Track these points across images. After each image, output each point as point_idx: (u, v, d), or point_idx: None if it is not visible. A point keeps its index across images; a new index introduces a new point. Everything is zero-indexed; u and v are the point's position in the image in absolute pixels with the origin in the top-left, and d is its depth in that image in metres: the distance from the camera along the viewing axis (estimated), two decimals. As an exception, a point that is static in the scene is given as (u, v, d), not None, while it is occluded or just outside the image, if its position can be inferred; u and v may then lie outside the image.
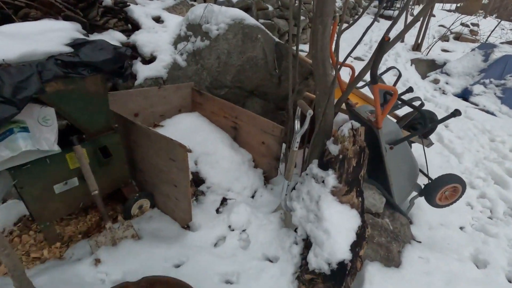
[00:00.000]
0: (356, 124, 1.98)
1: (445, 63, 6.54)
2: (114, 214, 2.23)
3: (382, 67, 6.73)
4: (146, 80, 3.19)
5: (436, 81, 6.03)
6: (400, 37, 1.98)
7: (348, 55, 2.11)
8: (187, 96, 2.99)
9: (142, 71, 3.23)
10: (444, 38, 9.06)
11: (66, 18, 2.89)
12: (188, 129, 2.78)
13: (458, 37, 9.47)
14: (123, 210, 2.18)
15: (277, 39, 3.04)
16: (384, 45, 1.62)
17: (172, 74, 3.25)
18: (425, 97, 5.58)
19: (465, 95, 5.58)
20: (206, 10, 3.04)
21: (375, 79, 1.73)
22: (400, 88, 3.27)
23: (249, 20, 2.84)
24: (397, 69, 2.97)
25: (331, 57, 2.14)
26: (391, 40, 1.66)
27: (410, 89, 2.54)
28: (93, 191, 1.83)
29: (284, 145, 2.72)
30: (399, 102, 2.71)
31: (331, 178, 1.88)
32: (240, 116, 2.67)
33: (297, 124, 1.88)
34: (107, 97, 1.85)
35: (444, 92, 5.76)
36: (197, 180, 2.39)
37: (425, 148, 3.03)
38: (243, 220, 2.16)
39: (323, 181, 1.93)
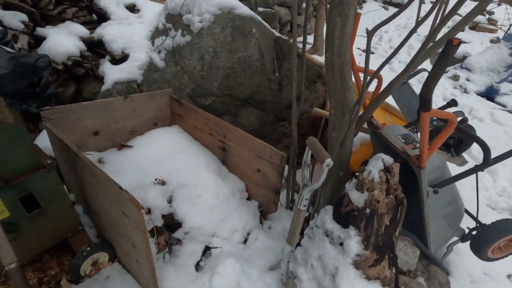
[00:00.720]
0: (389, 160, 1.39)
1: (464, 57, 5.87)
2: (58, 275, 1.67)
3: (394, 62, 6.06)
4: (116, 85, 2.58)
5: (455, 78, 5.38)
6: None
7: (384, 64, 1.49)
8: (164, 106, 2.38)
9: (111, 73, 2.61)
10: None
11: (7, 7, 2.25)
12: (164, 150, 2.19)
13: (475, 26, 8.70)
14: (69, 269, 1.62)
15: (277, 33, 2.40)
16: (451, 51, 1.02)
17: (148, 77, 2.63)
18: (444, 96, 4.95)
19: (490, 94, 4.94)
20: (188, -4, 2.39)
21: (428, 105, 1.13)
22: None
23: (241, 9, 2.20)
24: (427, 71, 2.35)
25: (352, 64, 1.53)
26: (457, 42, 1.05)
27: (453, 103, 1.93)
28: (7, 264, 1.26)
29: (286, 167, 2.14)
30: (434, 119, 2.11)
31: (353, 242, 1.30)
32: (230, 135, 2.07)
33: (306, 173, 1.28)
34: (23, 127, 1.25)
35: (465, 91, 5.12)
36: (172, 224, 1.82)
37: (460, 167, 2.44)
38: (231, 284, 1.60)
39: (341, 244, 1.35)
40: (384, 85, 1.59)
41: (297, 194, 2.49)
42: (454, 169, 2.45)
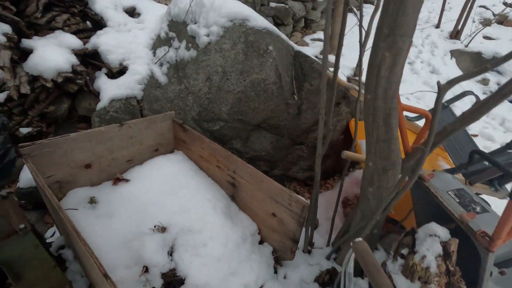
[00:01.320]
0: (444, 235, 1.09)
1: (494, 58, 5.37)
2: None
3: (416, 63, 5.60)
4: (113, 103, 2.30)
5: (485, 82, 4.93)
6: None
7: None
8: (166, 131, 2.10)
9: (108, 88, 2.33)
10: (486, 23, 7.70)
11: (-13, 17, 1.96)
12: (165, 183, 1.92)
13: (502, 21, 8.06)
14: None
15: (296, 47, 2.06)
16: None
17: (149, 93, 2.33)
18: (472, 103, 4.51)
19: (524, 101, 4.50)
20: (193, 3, 2.06)
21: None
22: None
23: (255, 20, 1.87)
24: (475, 95, 2.01)
25: (400, 109, 1.20)
26: None
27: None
28: None
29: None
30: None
31: None
32: (241, 172, 1.78)
33: (346, 282, 0.98)
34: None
35: (496, 97, 4.67)
36: (173, 281, 1.56)
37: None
38: None
39: None
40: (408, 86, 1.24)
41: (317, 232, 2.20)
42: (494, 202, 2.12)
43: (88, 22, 2.45)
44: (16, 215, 1.20)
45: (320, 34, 6.29)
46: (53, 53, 2.09)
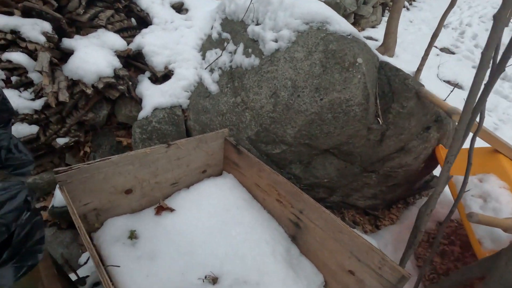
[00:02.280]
0: None
1: None
2: None
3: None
4: (156, 112, 2.03)
5: None
6: None
7: None
8: (216, 151, 1.79)
9: (151, 95, 2.05)
10: None
11: (26, 13, 1.74)
12: (215, 216, 1.62)
13: None
14: None
15: (381, 56, 1.65)
16: None
17: (196, 103, 2.04)
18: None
19: None
20: (256, -1, 1.71)
21: None
22: None
23: (338, 23, 1.48)
24: None
25: None
26: None
27: None
28: None
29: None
30: None
31: None
32: (310, 214, 1.43)
33: None
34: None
35: None
36: None
37: None
38: None
39: None
40: None
41: None
42: None
43: (132, 19, 2.18)
44: (48, 279, 0.94)
45: (369, 32, 5.73)
46: (94, 55, 1.84)
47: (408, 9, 7.15)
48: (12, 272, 0.57)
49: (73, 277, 1.52)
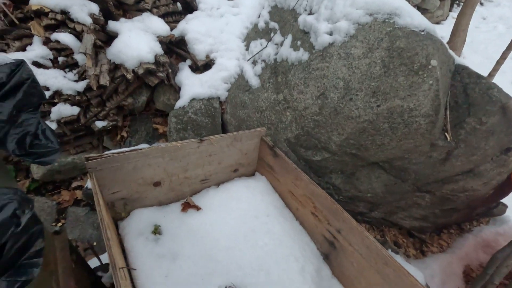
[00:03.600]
0: None
1: None
2: None
3: None
4: (193, 102, 1.95)
5: None
6: None
7: None
8: (250, 150, 1.66)
9: (189, 85, 1.98)
10: None
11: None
12: (243, 221, 1.50)
13: None
14: None
15: (458, 58, 1.37)
16: None
17: (234, 96, 1.92)
18: None
19: None
20: (312, -15, 1.51)
21: None
22: None
23: (410, 16, 1.23)
24: None
25: None
26: None
27: None
28: None
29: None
30: None
31: None
32: (348, 234, 1.25)
33: None
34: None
35: None
36: None
37: None
38: None
39: None
40: None
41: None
42: None
43: (178, 4, 2.10)
44: (64, 274, 0.89)
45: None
46: (137, 39, 1.80)
47: (481, 3, 6.27)
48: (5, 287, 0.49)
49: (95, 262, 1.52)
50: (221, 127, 2.05)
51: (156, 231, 1.41)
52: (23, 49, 1.70)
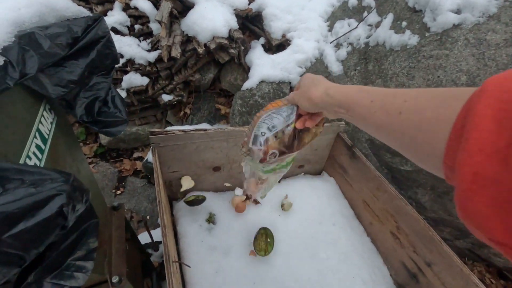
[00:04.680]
0: None
1: None
2: None
3: None
4: (262, 85, 1.79)
5: None
6: None
7: None
8: (322, 145, 1.45)
9: (260, 65, 1.81)
10: None
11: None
12: (304, 226, 1.32)
13: None
14: None
15: None
16: None
17: (308, 83, 1.68)
18: None
19: None
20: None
21: None
22: None
23: None
24: None
25: None
26: None
27: None
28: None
29: None
30: None
31: None
32: (443, 273, 0.98)
33: None
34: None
35: None
36: None
37: None
38: None
39: None
40: None
41: None
42: None
43: (259, -26, 1.92)
44: (117, 250, 0.81)
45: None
46: (213, 11, 1.67)
47: None
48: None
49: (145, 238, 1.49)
50: (287, 115, 1.85)
51: (210, 219, 1.31)
52: (104, 14, 1.69)
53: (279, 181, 1.50)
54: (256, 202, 1.40)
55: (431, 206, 1.39)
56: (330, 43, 1.66)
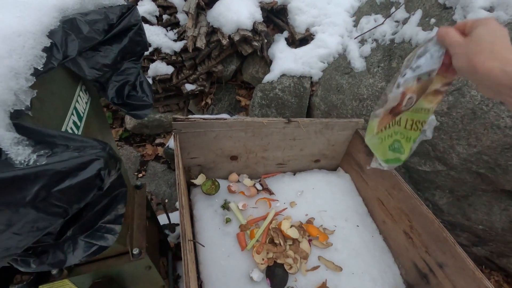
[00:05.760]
0: None
1: None
2: None
3: None
4: (283, 79, 1.81)
5: None
6: None
7: None
8: (340, 141, 1.45)
9: (283, 58, 1.83)
10: None
11: (189, -50, 1.70)
12: (316, 218, 1.34)
13: None
14: None
15: None
16: None
17: (329, 78, 1.70)
18: None
19: None
20: None
21: None
22: None
23: None
24: None
25: None
26: None
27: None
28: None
29: None
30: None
31: None
32: (455, 275, 0.98)
33: None
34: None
35: None
36: None
37: None
38: None
39: None
40: None
41: None
42: None
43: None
44: (138, 225, 0.88)
45: None
46: (239, 3, 1.70)
47: None
48: (81, 248, 0.43)
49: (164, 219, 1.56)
50: (306, 110, 1.86)
51: (225, 206, 1.36)
52: (135, 3, 1.76)
53: (294, 174, 1.53)
54: (270, 192, 1.43)
55: (449, 209, 1.36)
56: (355, 38, 1.64)
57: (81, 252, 0.44)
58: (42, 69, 0.44)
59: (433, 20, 1.22)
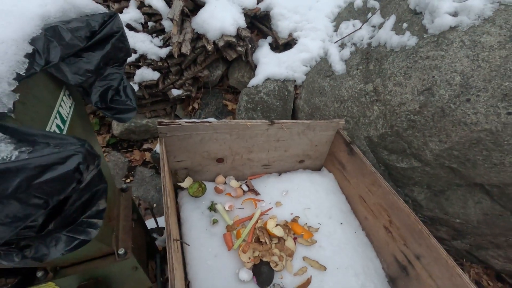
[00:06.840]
0: None
1: None
2: None
3: None
4: (267, 83, 1.85)
5: None
6: None
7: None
8: (322, 142, 1.50)
9: (266, 63, 1.88)
10: None
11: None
12: (301, 217, 1.37)
13: None
14: None
15: None
16: None
17: (312, 81, 1.76)
18: None
19: None
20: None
21: None
22: None
23: None
24: None
25: None
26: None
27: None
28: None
29: None
30: None
31: None
32: (431, 265, 1.02)
33: None
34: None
35: None
36: None
37: None
38: None
39: None
40: None
41: None
42: None
43: (268, -25, 1.98)
44: (124, 227, 0.90)
45: None
46: (223, 10, 1.74)
47: None
48: (64, 243, 0.46)
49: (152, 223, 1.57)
50: (291, 112, 1.91)
51: (212, 207, 1.38)
52: (120, 11, 1.79)
53: (280, 174, 1.57)
54: (256, 193, 1.46)
55: (427, 204, 1.42)
56: (335, 42, 1.71)
57: (63, 246, 0.46)
58: (24, 74, 0.47)
59: (405, 25, 1.29)
